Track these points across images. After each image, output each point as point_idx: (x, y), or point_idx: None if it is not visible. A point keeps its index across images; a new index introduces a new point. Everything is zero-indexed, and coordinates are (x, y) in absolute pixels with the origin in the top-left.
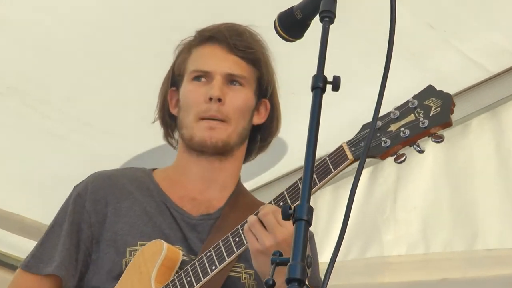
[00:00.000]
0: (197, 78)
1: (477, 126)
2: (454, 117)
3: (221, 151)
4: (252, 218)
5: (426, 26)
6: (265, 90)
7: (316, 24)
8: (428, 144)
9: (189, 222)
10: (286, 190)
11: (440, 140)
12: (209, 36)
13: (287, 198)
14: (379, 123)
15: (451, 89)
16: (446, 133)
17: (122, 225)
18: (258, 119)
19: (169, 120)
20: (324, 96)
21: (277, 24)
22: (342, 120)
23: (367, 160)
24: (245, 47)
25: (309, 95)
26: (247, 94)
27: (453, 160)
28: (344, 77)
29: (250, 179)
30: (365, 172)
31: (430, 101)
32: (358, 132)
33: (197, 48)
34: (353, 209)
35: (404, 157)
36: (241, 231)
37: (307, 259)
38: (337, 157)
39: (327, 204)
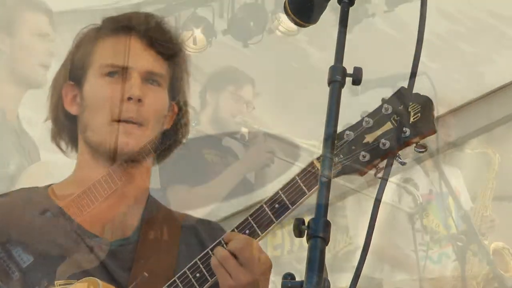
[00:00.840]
0: (110, 73)
1: None
2: (498, 113)
3: (135, 159)
4: (223, 253)
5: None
6: (175, 91)
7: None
8: (468, 144)
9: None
10: (250, 215)
11: (424, 150)
12: (124, 26)
13: (253, 225)
14: (352, 134)
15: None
16: (491, 131)
17: (28, 258)
18: (166, 124)
19: (63, 118)
20: (343, 90)
21: (287, 6)
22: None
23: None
24: (165, 42)
25: (326, 90)
26: (164, 96)
27: (499, 162)
28: (366, 69)
29: (251, 191)
30: (393, 180)
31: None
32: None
33: (107, 38)
34: (377, 225)
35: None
36: (200, 265)
37: (324, 283)
38: (310, 176)
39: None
